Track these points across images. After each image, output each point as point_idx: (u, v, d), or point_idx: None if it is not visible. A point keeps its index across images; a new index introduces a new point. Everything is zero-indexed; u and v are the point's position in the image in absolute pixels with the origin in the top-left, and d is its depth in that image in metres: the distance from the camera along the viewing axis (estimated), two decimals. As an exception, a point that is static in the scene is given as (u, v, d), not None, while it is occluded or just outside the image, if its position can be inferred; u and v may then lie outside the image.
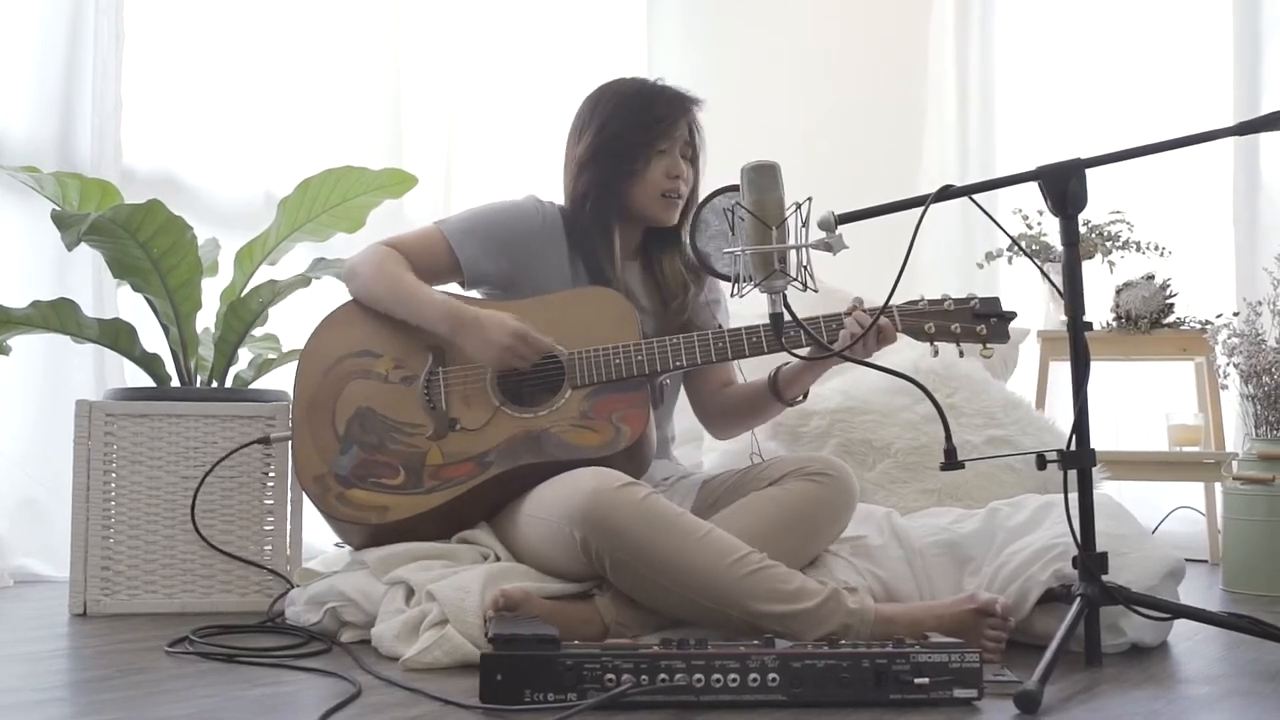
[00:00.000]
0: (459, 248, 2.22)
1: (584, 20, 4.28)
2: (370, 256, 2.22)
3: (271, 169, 3.37)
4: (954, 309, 2.10)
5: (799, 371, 2.19)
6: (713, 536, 1.88)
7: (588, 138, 2.26)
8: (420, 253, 2.22)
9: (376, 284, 2.18)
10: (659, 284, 2.31)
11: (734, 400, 2.33)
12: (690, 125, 2.27)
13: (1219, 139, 1.89)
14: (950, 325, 2.09)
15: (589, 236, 2.24)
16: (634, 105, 2.25)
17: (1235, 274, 3.63)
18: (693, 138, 2.28)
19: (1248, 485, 2.86)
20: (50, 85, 2.91)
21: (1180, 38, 3.95)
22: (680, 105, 2.25)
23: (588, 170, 2.25)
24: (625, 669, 1.52)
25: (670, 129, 2.22)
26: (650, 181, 2.23)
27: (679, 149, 2.25)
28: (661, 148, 2.22)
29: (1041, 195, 1.93)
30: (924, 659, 1.57)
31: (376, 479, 2.09)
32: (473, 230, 2.24)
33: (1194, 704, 1.63)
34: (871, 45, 4.43)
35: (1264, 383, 2.91)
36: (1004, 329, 2.09)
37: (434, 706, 1.53)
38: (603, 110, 2.26)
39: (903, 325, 2.10)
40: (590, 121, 2.27)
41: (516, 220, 2.25)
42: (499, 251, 2.23)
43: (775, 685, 1.55)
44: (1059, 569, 1.97)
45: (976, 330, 2.09)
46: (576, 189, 2.27)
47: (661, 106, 2.24)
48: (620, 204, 2.25)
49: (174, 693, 1.60)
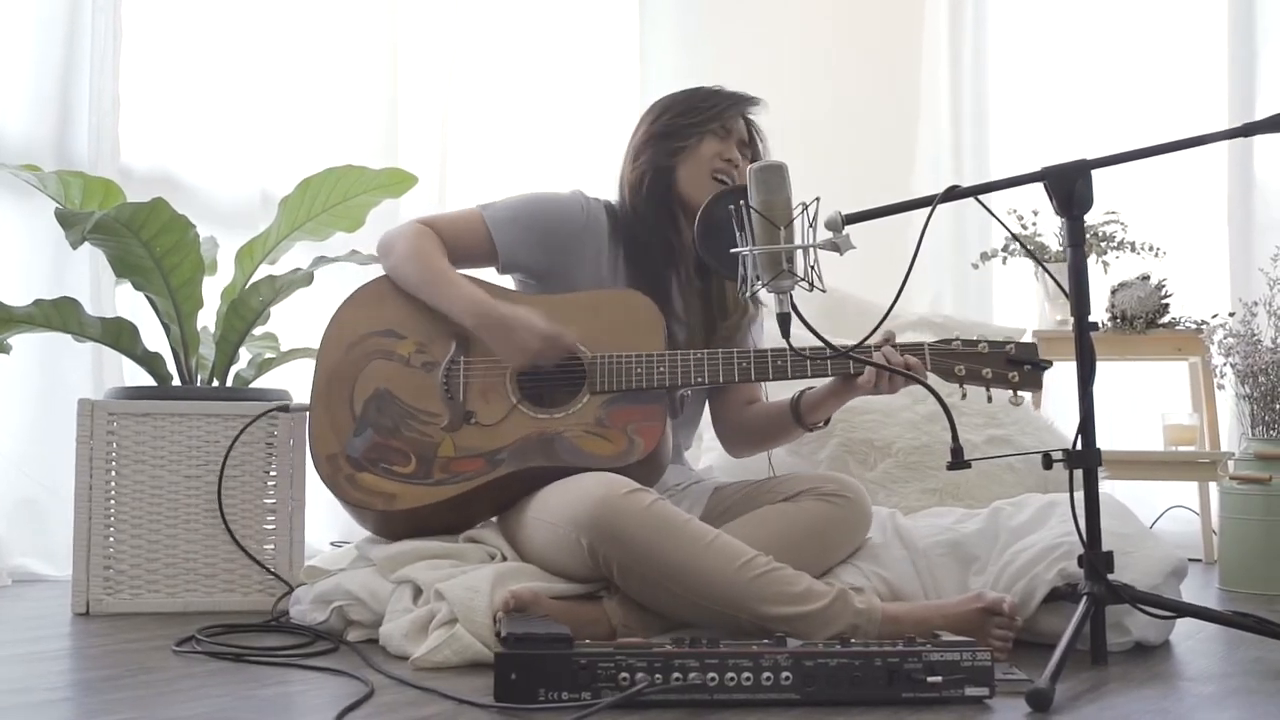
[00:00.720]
0: (498, 234, 2.20)
1: (576, 20, 4.29)
2: (407, 233, 2.19)
3: (267, 168, 3.37)
4: (988, 352, 2.07)
5: (823, 397, 2.16)
6: (720, 542, 1.88)
7: (643, 127, 2.29)
8: (458, 234, 2.20)
9: (409, 264, 2.16)
10: (708, 298, 2.28)
11: (755, 420, 2.30)
12: (749, 124, 2.28)
13: (1223, 140, 1.91)
14: (982, 370, 2.06)
15: (645, 225, 2.24)
16: (690, 96, 2.29)
17: (1230, 274, 3.65)
18: (752, 139, 2.29)
19: (1245, 485, 2.88)
20: (47, 83, 2.90)
21: (1174, 37, 3.98)
22: (734, 98, 2.27)
23: (642, 154, 2.26)
24: (639, 668, 1.53)
25: (722, 114, 2.24)
26: (700, 159, 2.22)
27: (735, 144, 2.25)
28: (714, 130, 2.23)
29: (1047, 196, 1.94)
30: (936, 658, 1.57)
31: (388, 465, 2.08)
32: (514, 219, 2.22)
33: (1203, 701, 1.64)
34: (865, 45, 4.44)
35: (1260, 382, 2.93)
36: (1038, 378, 2.06)
37: (448, 706, 1.53)
38: (658, 108, 2.30)
39: (932, 365, 2.07)
40: (645, 120, 2.31)
41: (559, 214, 2.23)
42: (538, 243, 2.21)
43: (788, 684, 1.55)
44: (1064, 568, 1.98)
45: (1008, 377, 2.05)
46: (633, 176, 2.27)
47: (715, 97, 2.27)
48: (674, 188, 2.24)
49: (185, 692, 1.60)
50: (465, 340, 2.14)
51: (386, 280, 2.22)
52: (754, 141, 2.29)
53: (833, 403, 2.16)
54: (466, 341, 2.14)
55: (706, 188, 2.20)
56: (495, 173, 3.91)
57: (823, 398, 2.16)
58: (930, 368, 2.08)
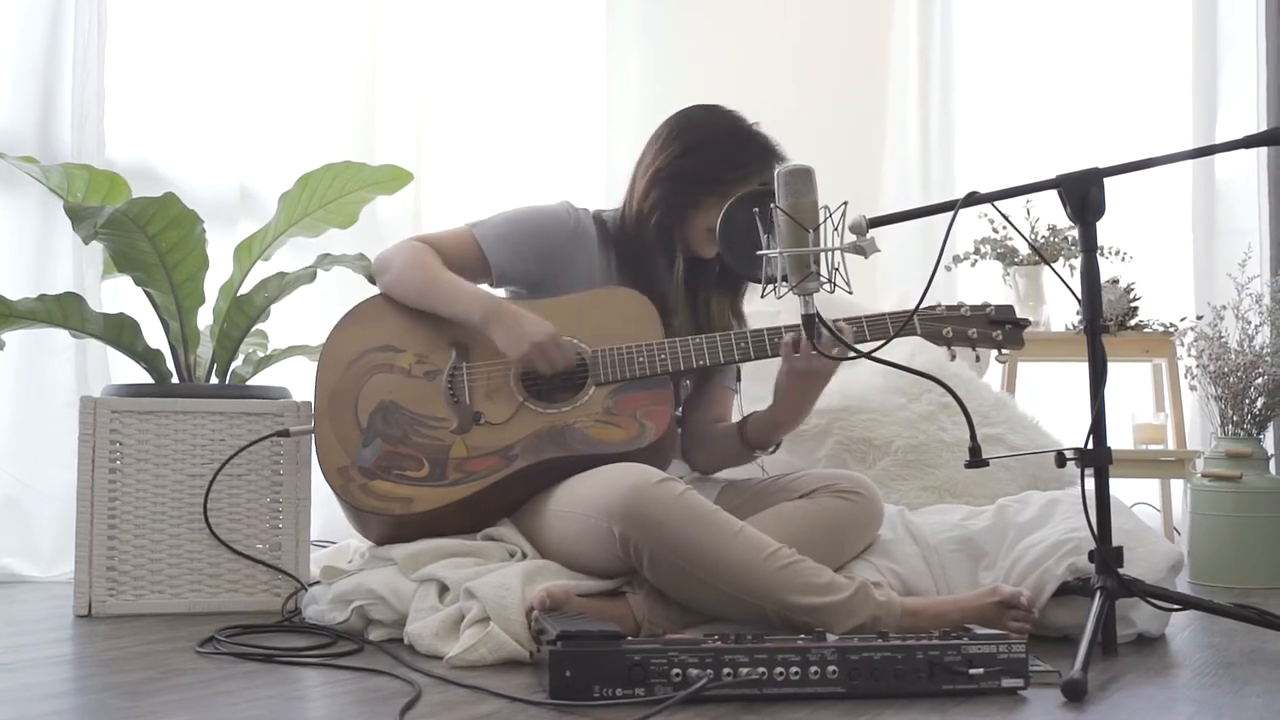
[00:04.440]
0: (490, 251, 2.23)
1: (545, 16, 4.29)
2: (404, 249, 2.22)
3: (247, 162, 3.32)
4: (970, 315, 2.17)
5: (768, 427, 2.21)
6: (747, 532, 1.92)
7: (666, 157, 2.25)
8: (451, 251, 2.23)
9: (411, 274, 2.18)
10: (698, 315, 2.30)
11: (716, 436, 2.33)
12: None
13: (1230, 151, 1.98)
14: (967, 330, 2.16)
15: (645, 251, 2.25)
16: (725, 143, 2.24)
17: (1194, 278, 3.77)
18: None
19: (1216, 482, 2.99)
20: (30, 76, 2.83)
21: (1140, 47, 4.08)
22: (766, 158, 2.24)
23: (659, 188, 2.24)
24: (690, 663, 1.55)
25: (751, 178, 2.21)
26: (712, 219, 2.19)
27: None
28: (734, 192, 2.17)
29: (1061, 202, 2.00)
30: (975, 650, 1.62)
31: (400, 471, 2.09)
32: (505, 236, 2.24)
33: (1223, 687, 1.70)
34: (833, 45, 4.48)
35: (1230, 383, 3.04)
36: (1018, 335, 2.17)
37: (501, 704, 1.54)
38: (691, 135, 2.26)
39: (922, 329, 2.16)
40: (673, 141, 2.26)
41: (549, 226, 2.26)
42: (529, 256, 2.24)
43: (835, 677, 1.59)
44: (1073, 563, 2.04)
45: (992, 336, 2.16)
46: (643, 202, 2.26)
47: (751, 153, 2.24)
48: (683, 233, 2.25)
49: (231, 694, 1.58)
50: (464, 347, 2.17)
51: (380, 299, 2.24)
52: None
53: (776, 434, 2.22)
54: (466, 348, 2.17)
55: (702, 240, 2.24)
56: (469, 165, 3.92)
57: (768, 427, 2.21)
58: (920, 332, 2.17)
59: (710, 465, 2.38)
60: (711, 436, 2.33)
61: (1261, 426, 3.08)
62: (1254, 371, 3.04)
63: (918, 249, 4.23)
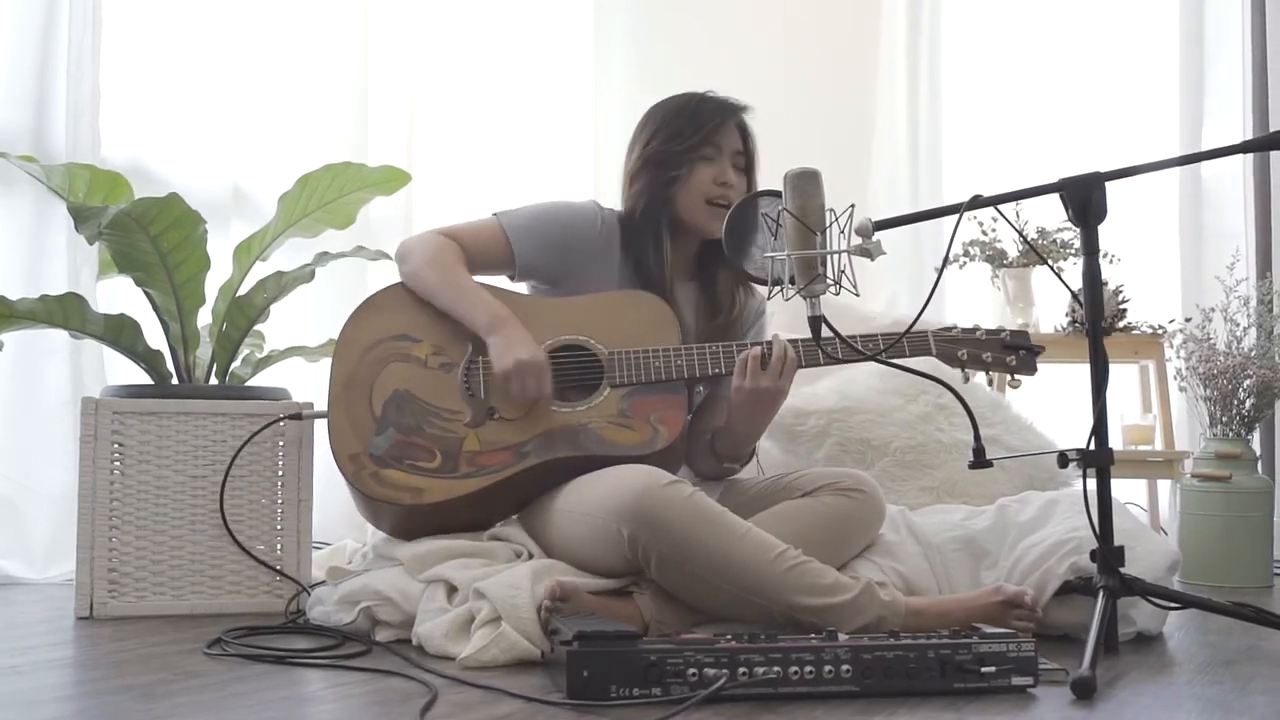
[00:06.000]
0: (516, 243, 2.24)
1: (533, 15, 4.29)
2: (426, 241, 2.22)
3: (240, 161, 3.31)
4: (985, 339, 2.19)
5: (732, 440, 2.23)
6: (754, 534, 1.93)
7: (636, 150, 2.31)
8: (477, 243, 2.23)
9: (428, 270, 2.19)
10: (712, 304, 2.33)
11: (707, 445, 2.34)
12: (742, 133, 2.30)
13: (1229, 155, 2.01)
14: (982, 354, 2.17)
15: (641, 246, 2.27)
16: (678, 115, 2.28)
17: (1181, 281, 3.81)
18: (745, 146, 2.31)
19: (1206, 482, 3.02)
20: (25, 75, 2.80)
21: (1126, 50, 4.12)
22: (722, 111, 2.28)
23: (638, 181, 2.29)
24: (706, 663, 1.56)
25: (713, 134, 2.25)
26: (695, 188, 2.25)
27: (728, 158, 2.28)
28: (706, 154, 2.25)
29: (1063, 205, 2.02)
30: (986, 649, 1.64)
31: (412, 461, 2.09)
32: (530, 228, 2.25)
33: (1226, 685, 1.73)
34: (821, 49, 4.50)
35: (1220, 384, 3.07)
36: (1032, 362, 2.19)
37: (519, 705, 1.54)
38: (651, 124, 2.31)
39: (937, 350, 2.18)
40: (641, 134, 2.32)
41: (575, 223, 2.27)
42: (554, 251, 2.25)
43: (849, 676, 1.60)
44: (1075, 562, 2.06)
45: (1007, 361, 2.18)
46: (629, 200, 2.31)
47: (704, 114, 2.27)
48: (669, 213, 2.27)
49: (245, 695, 1.58)
50: (481, 341, 2.17)
51: (398, 288, 2.24)
52: (746, 146, 2.33)
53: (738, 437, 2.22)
54: (482, 343, 2.16)
55: (703, 214, 2.27)
56: (459, 166, 3.92)
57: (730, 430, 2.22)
58: (935, 353, 2.18)
59: (710, 471, 2.38)
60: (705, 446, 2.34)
61: (1250, 427, 3.12)
62: (1243, 373, 3.08)
63: (905, 250, 4.26)
